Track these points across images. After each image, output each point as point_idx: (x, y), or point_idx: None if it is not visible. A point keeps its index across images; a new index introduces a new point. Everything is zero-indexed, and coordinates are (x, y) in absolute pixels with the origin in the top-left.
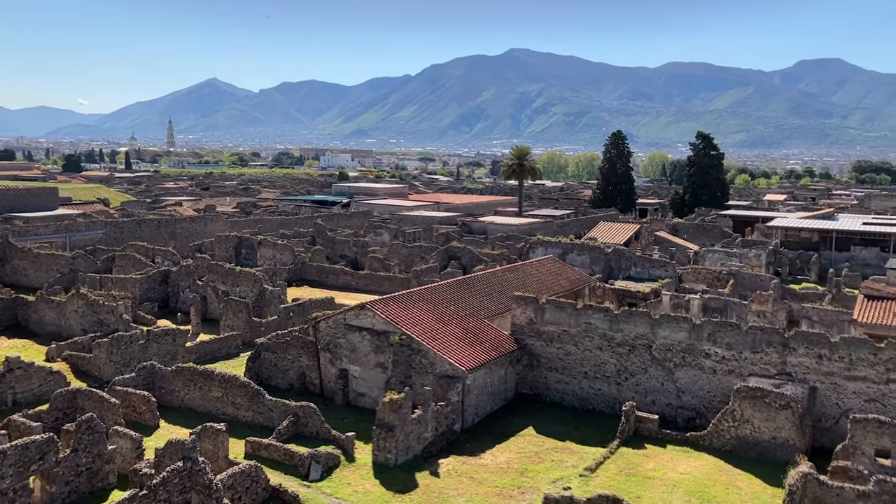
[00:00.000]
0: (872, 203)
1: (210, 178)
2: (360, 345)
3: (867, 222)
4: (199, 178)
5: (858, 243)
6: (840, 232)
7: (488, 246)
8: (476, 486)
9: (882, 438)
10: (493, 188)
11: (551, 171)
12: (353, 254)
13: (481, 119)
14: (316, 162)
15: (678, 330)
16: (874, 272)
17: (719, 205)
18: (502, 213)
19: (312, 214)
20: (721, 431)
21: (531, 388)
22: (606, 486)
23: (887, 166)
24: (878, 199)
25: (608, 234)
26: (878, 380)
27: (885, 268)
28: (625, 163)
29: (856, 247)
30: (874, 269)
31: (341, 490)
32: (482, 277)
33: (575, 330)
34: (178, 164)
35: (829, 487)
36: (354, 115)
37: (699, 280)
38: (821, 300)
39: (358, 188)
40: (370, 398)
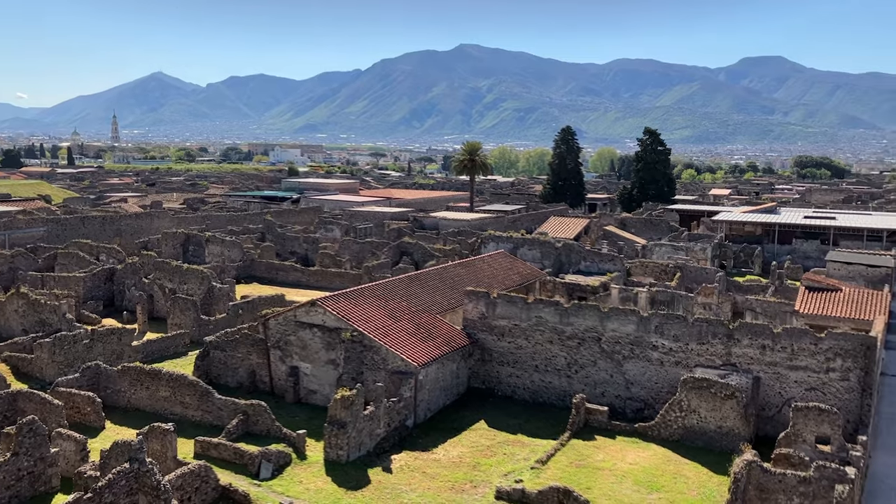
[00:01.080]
0: (813, 197)
1: (156, 173)
2: (311, 342)
3: (808, 216)
4: (145, 173)
5: (800, 236)
6: (782, 225)
7: (440, 241)
8: (429, 481)
9: (822, 426)
10: (445, 183)
11: (502, 167)
12: (303, 250)
13: (432, 114)
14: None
15: (626, 323)
16: (815, 264)
17: (666, 199)
18: (454, 209)
19: (262, 210)
20: (669, 422)
21: (483, 382)
22: (557, 477)
23: (827, 161)
24: (818, 194)
25: (558, 228)
26: (819, 369)
27: (825, 260)
28: (574, 158)
29: (797, 240)
30: (815, 262)
31: (293, 488)
32: (434, 273)
33: (526, 324)
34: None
35: (772, 474)
36: (304, 110)
37: (647, 273)
38: (764, 292)
39: (308, 184)
40: (322, 395)
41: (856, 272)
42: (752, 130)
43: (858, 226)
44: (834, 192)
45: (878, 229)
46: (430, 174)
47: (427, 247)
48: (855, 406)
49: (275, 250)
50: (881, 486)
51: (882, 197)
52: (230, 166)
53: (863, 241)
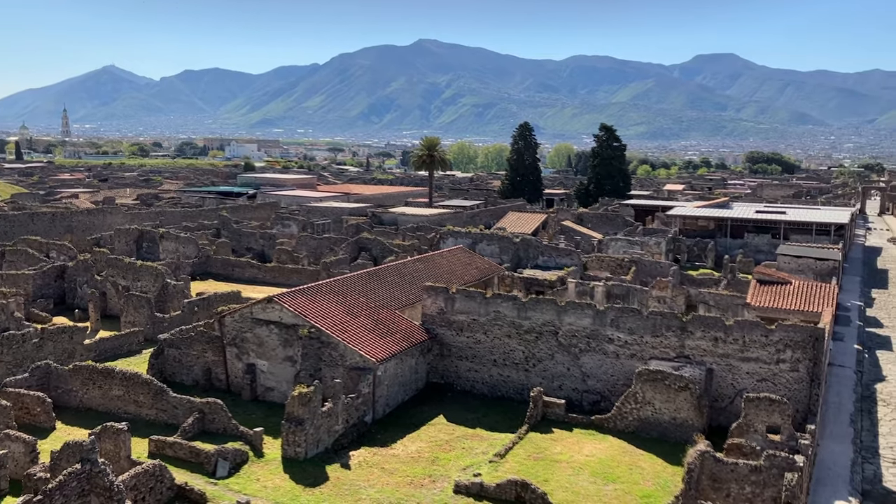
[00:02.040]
0: (764, 192)
1: (109, 168)
2: (268, 339)
3: (759, 210)
4: (97, 168)
5: (751, 230)
6: (734, 220)
7: (399, 237)
8: (387, 477)
9: (773, 415)
10: (404, 179)
11: (461, 162)
12: (260, 246)
13: (391, 109)
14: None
15: (583, 316)
16: (766, 258)
17: (622, 195)
18: (413, 204)
19: (217, 206)
20: (624, 414)
21: (442, 377)
22: (515, 471)
23: (778, 157)
24: (769, 189)
25: (517, 224)
26: (770, 360)
27: (775, 253)
28: (532, 154)
29: (749, 234)
30: (766, 255)
31: (250, 486)
32: (393, 268)
33: (484, 318)
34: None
35: (725, 464)
36: (260, 105)
37: (603, 267)
38: (717, 285)
39: (265, 179)
40: (279, 392)
41: (805, 265)
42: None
43: (808, 220)
44: (784, 188)
45: (827, 223)
46: (388, 169)
47: (386, 242)
48: (804, 396)
49: (231, 246)
50: (828, 473)
51: (830, 192)
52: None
53: (812, 235)
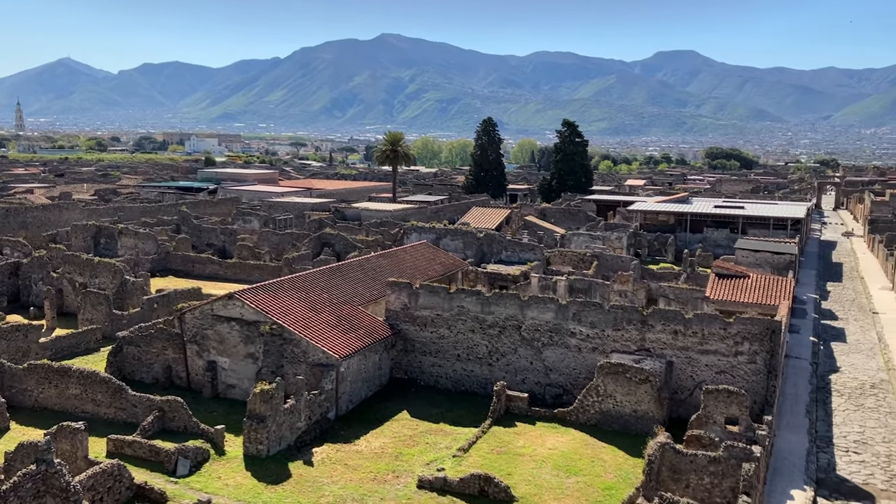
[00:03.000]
0: (723, 187)
1: (65, 163)
2: (229, 336)
3: (718, 205)
4: (53, 163)
5: (710, 225)
6: (694, 215)
7: (362, 232)
8: (350, 473)
9: (731, 407)
10: (367, 174)
11: (425, 157)
12: (220, 242)
13: (354, 104)
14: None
15: (546, 311)
16: (724, 252)
17: (584, 190)
18: (376, 199)
19: (177, 201)
20: (586, 407)
21: (406, 372)
22: (479, 465)
23: (736, 153)
24: (728, 184)
25: (480, 219)
26: (728, 352)
27: (734, 248)
28: (496, 149)
29: (708, 228)
30: (724, 249)
31: (211, 484)
32: (356, 264)
33: (448, 314)
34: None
35: (685, 455)
36: (221, 99)
37: (565, 262)
38: (677, 279)
39: (225, 174)
40: (241, 390)
41: (762, 259)
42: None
43: (765, 215)
44: (742, 183)
45: (784, 218)
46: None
47: (349, 238)
48: (761, 388)
49: (191, 242)
50: (785, 462)
51: (787, 187)
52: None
53: (769, 229)
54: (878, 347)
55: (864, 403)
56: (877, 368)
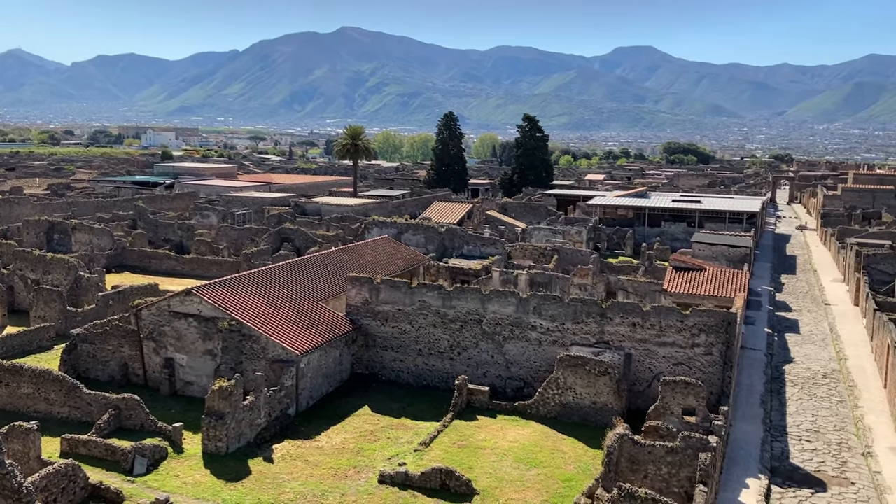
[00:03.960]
0: (681, 182)
1: (16, 157)
2: (187, 332)
3: (676, 199)
4: (4, 157)
5: (668, 219)
6: (652, 209)
7: (323, 227)
8: (311, 469)
9: (688, 398)
10: (328, 168)
11: (386, 152)
12: (178, 237)
13: (314, 97)
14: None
15: (507, 304)
16: (682, 245)
17: (545, 184)
18: (337, 194)
19: (133, 196)
20: (546, 399)
21: (367, 367)
22: (440, 458)
23: (693, 148)
24: (685, 178)
25: (442, 213)
26: (685, 344)
27: (691, 241)
28: (457, 144)
29: (666, 222)
30: (682, 243)
31: (169, 483)
32: (316, 259)
33: (410, 308)
34: None
35: (643, 446)
36: (178, 92)
37: (526, 256)
38: (635, 272)
39: (183, 168)
40: (199, 387)
41: (718, 252)
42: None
43: (721, 209)
44: (700, 177)
45: (739, 212)
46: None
47: (309, 233)
48: (717, 378)
49: (147, 238)
50: (740, 452)
51: (743, 181)
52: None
53: (725, 223)
54: (830, 338)
55: (817, 393)
56: (829, 359)
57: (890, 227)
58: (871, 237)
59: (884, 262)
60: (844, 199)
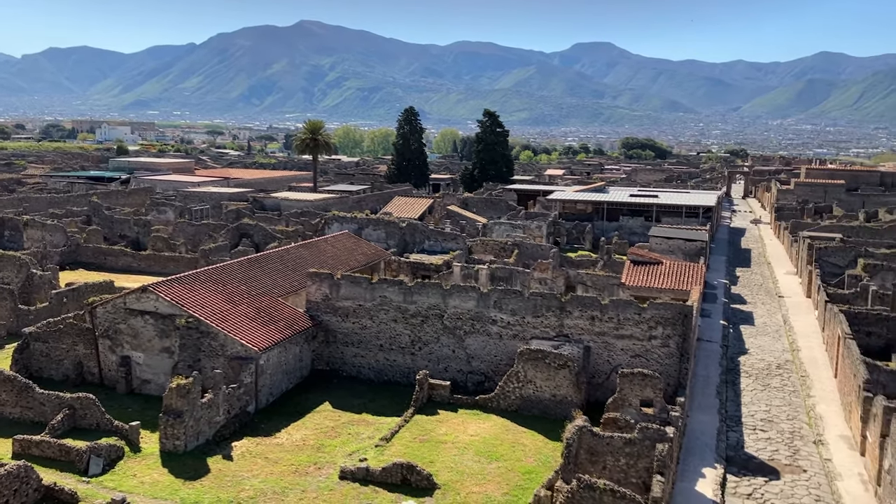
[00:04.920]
0: (638, 177)
1: None
2: (144, 330)
3: (633, 194)
4: None
5: (626, 213)
6: (610, 203)
7: (282, 222)
8: (271, 466)
9: (646, 390)
10: (287, 163)
11: (347, 146)
12: (134, 233)
13: (273, 91)
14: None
15: (467, 299)
16: (639, 239)
17: (505, 179)
18: (296, 189)
19: (87, 192)
20: (507, 393)
21: (327, 363)
22: (401, 454)
23: (651, 143)
24: (643, 173)
25: (403, 208)
26: (643, 337)
27: (648, 235)
28: (418, 139)
29: (624, 217)
30: (639, 237)
31: (126, 482)
32: (275, 255)
33: (370, 304)
34: None
35: (601, 438)
36: (134, 85)
37: (487, 251)
38: (594, 266)
39: (139, 163)
40: (156, 385)
41: (675, 246)
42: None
43: (678, 203)
44: (657, 172)
45: (695, 206)
46: (271, 153)
47: (268, 228)
48: (674, 370)
49: (102, 234)
50: (697, 442)
51: (699, 176)
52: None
53: (682, 217)
54: (784, 329)
55: (771, 383)
56: (782, 350)
57: (840, 220)
58: (822, 230)
59: (834, 254)
60: (797, 194)
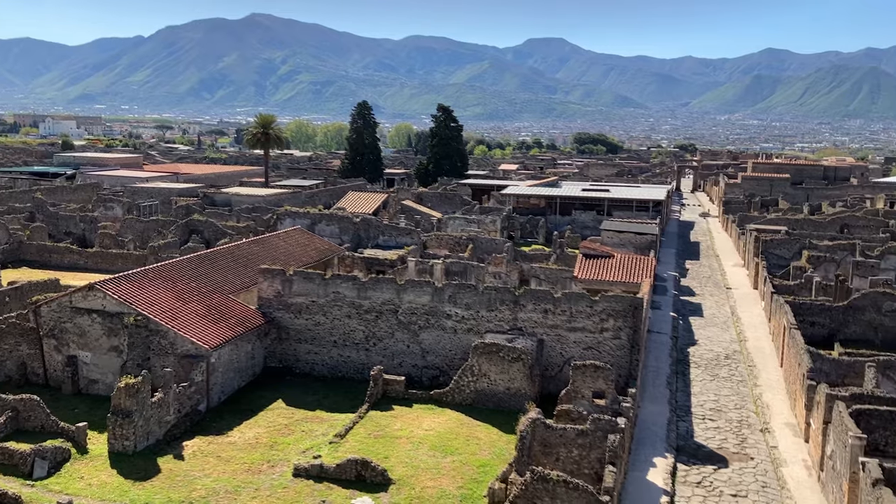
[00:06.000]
0: (590, 171)
1: None
2: (91, 328)
3: (586, 189)
4: None
5: (579, 207)
6: (563, 198)
7: (233, 218)
8: (223, 465)
9: (598, 381)
10: (239, 158)
11: (299, 141)
12: (80, 230)
13: (223, 85)
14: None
15: (422, 294)
16: (591, 233)
17: (460, 174)
18: (248, 184)
19: (31, 188)
20: (462, 387)
21: (281, 361)
22: (356, 450)
23: (603, 138)
24: (595, 168)
25: (357, 203)
26: (594, 329)
27: (600, 229)
28: (371, 133)
29: (576, 211)
30: (591, 231)
31: (73, 485)
32: (226, 251)
33: (324, 300)
34: None
35: (554, 429)
36: (79, 79)
37: (442, 246)
38: (547, 260)
39: (85, 158)
40: (105, 385)
41: (626, 239)
42: (537, 108)
43: (629, 197)
44: (608, 167)
45: (646, 200)
46: (221, 148)
47: (219, 224)
48: (626, 362)
49: (47, 231)
50: (647, 432)
51: (649, 171)
52: None
53: (632, 211)
54: (732, 320)
55: (719, 373)
56: (730, 340)
57: (786, 213)
58: (768, 223)
59: (780, 247)
60: (744, 188)
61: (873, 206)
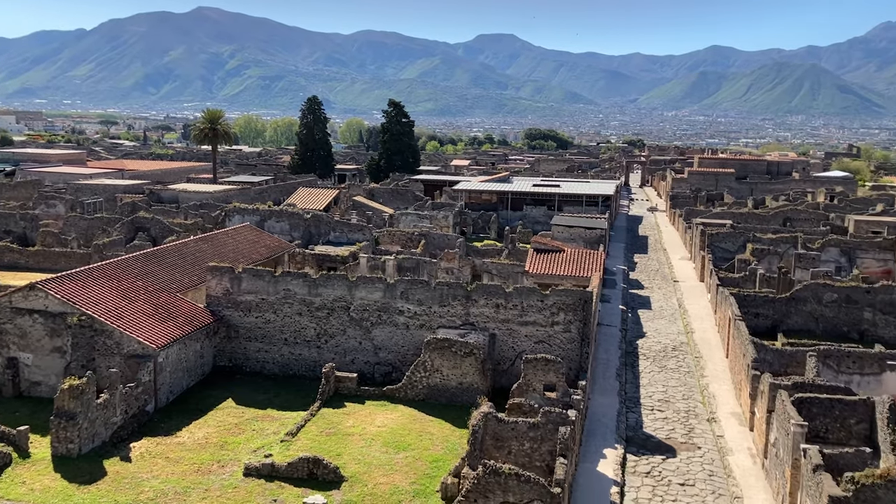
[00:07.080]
0: (541, 167)
1: None
2: (32, 329)
3: (537, 184)
4: None
5: (530, 203)
6: (514, 193)
7: (180, 215)
8: (172, 466)
9: (549, 374)
10: (186, 154)
11: (248, 136)
12: (20, 229)
13: (170, 80)
14: None
15: (374, 290)
16: (543, 228)
17: (411, 170)
18: (196, 181)
19: None
20: (414, 382)
21: (230, 359)
22: (308, 448)
23: (553, 134)
24: (546, 163)
25: (307, 199)
26: (545, 323)
27: (550, 224)
28: (322, 129)
29: (527, 206)
30: (543, 226)
31: (14, 490)
32: (173, 249)
33: (274, 297)
34: None
35: (506, 423)
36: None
37: (394, 241)
38: (499, 255)
39: (25, 154)
40: (48, 386)
41: (576, 234)
42: (489, 104)
43: (579, 192)
44: (559, 162)
45: (595, 195)
46: (168, 144)
47: (165, 221)
48: (576, 355)
49: None
50: (598, 424)
51: (598, 166)
52: None
53: (582, 206)
54: (679, 313)
55: (667, 365)
56: (677, 332)
57: (731, 207)
58: (714, 217)
59: (725, 240)
60: (691, 182)
61: (814, 200)
